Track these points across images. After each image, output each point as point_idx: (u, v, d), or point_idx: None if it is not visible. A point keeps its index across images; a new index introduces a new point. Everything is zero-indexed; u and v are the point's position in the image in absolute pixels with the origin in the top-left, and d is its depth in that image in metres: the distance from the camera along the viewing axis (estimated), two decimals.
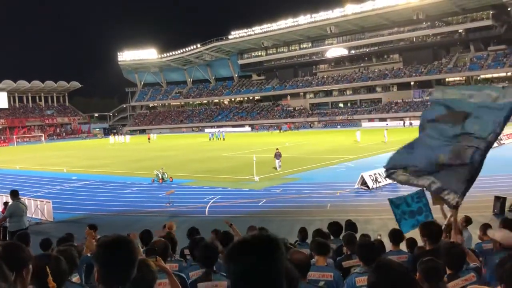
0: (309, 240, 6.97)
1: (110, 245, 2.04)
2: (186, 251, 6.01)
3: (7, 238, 8.98)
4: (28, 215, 13.65)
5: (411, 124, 63.88)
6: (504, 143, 34.34)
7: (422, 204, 6.78)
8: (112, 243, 2.05)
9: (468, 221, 7.82)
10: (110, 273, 2.01)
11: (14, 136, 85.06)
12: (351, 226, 7.07)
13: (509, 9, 73.13)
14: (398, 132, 48.67)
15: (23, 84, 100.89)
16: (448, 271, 3.68)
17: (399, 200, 6.46)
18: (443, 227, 5.20)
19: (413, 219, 5.84)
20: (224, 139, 60.64)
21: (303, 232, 7.29)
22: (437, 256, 3.60)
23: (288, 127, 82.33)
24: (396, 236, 5.96)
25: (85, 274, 5.30)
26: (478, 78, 78.54)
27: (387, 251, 6.00)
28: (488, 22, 74.65)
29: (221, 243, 6.14)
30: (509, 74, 74.91)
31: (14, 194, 10.57)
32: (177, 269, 4.45)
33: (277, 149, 27.83)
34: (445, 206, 5.40)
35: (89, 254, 6.11)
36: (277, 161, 27.06)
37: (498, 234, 5.09)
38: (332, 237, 7.06)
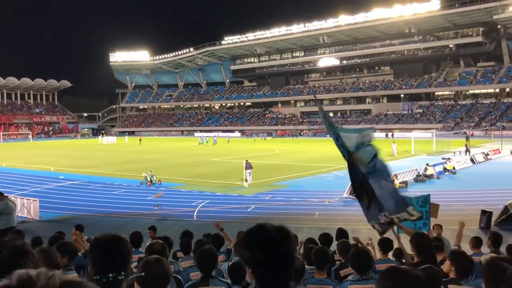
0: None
1: (103, 243, 2.04)
2: (180, 254, 6.00)
3: None
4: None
5: (387, 135, 64.76)
6: (490, 159, 34.80)
7: (425, 210, 6.82)
8: (106, 241, 2.04)
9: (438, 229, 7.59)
10: (102, 271, 2.00)
11: (1, 133, 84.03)
12: (343, 233, 7.11)
13: (498, 26, 74.43)
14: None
15: (12, 80, 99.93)
16: None
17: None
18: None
19: (411, 223, 5.82)
20: (215, 143, 60.36)
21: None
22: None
23: (279, 135, 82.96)
24: (385, 245, 6.03)
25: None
26: (467, 93, 79.71)
27: (376, 259, 6.06)
28: (478, 39, 75.86)
29: (213, 245, 6.17)
30: (497, 90, 76.15)
31: None
32: (172, 270, 4.42)
33: (246, 160, 25.20)
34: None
35: (79, 254, 6.08)
36: (248, 171, 24.36)
37: (483, 257, 5.34)
38: None
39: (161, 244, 3.97)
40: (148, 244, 4.70)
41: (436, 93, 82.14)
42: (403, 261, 6.03)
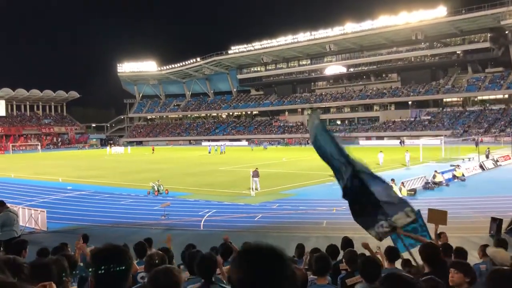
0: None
1: (103, 254, 2.03)
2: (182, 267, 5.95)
3: (0, 248, 8.88)
4: (21, 224, 13.53)
5: (401, 143, 64.69)
6: (500, 165, 34.43)
7: (418, 225, 6.67)
8: (105, 252, 2.04)
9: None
10: (103, 282, 1.99)
11: (10, 144, 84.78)
12: (349, 243, 7.03)
13: (506, 32, 74.02)
14: (396, 151, 48.72)
15: (21, 92, 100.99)
16: None
17: None
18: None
19: (405, 240, 5.67)
20: (222, 152, 60.51)
21: (300, 249, 7.24)
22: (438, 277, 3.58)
23: (290, 143, 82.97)
24: (392, 253, 5.93)
25: (78, 285, 5.23)
26: (475, 99, 79.20)
27: (383, 268, 5.96)
28: (486, 45, 75.43)
29: (222, 256, 6.11)
30: (506, 96, 75.57)
31: (1, 204, 10.36)
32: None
33: (255, 168, 25.26)
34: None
35: (81, 264, 6.06)
36: (255, 179, 24.50)
37: (489, 250, 5.40)
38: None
39: (160, 255, 3.92)
40: (147, 255, 4.65)
41: (444, 100, 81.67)
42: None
